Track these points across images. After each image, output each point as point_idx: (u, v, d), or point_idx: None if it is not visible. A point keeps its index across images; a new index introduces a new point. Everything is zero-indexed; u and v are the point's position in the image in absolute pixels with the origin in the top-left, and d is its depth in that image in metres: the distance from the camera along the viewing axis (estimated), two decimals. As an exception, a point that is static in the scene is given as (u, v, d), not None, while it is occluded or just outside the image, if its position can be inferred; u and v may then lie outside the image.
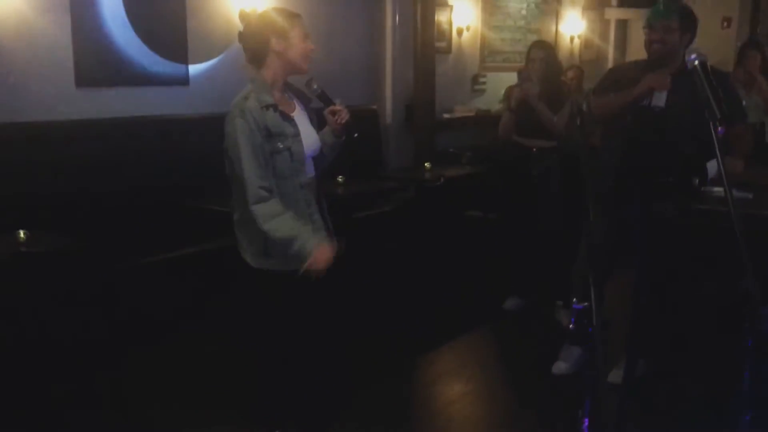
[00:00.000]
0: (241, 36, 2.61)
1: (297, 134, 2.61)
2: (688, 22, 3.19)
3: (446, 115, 6.55)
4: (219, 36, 4.91)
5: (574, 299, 1.56)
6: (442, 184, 5.03)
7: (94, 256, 3.68)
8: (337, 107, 2.74)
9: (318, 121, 2.79)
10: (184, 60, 4.71)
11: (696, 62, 1.94)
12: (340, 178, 4.45)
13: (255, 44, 2.56)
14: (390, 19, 6.06)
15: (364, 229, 4.75)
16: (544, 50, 4.34)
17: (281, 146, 2.55)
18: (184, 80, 4.74)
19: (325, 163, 2.84)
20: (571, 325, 1.56)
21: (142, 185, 4.35)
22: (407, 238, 5.14)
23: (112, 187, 4.21)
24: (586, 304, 1.53)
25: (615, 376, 3.56)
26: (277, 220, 2.51)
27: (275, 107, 2.55)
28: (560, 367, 3.72)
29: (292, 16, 2.59)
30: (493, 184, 4.95)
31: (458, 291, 4.97)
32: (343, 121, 2.73)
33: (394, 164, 6.11)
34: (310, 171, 2.71)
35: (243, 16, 2.62)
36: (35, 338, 3.40)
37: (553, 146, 4.33)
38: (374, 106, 6.06)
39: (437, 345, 4.14)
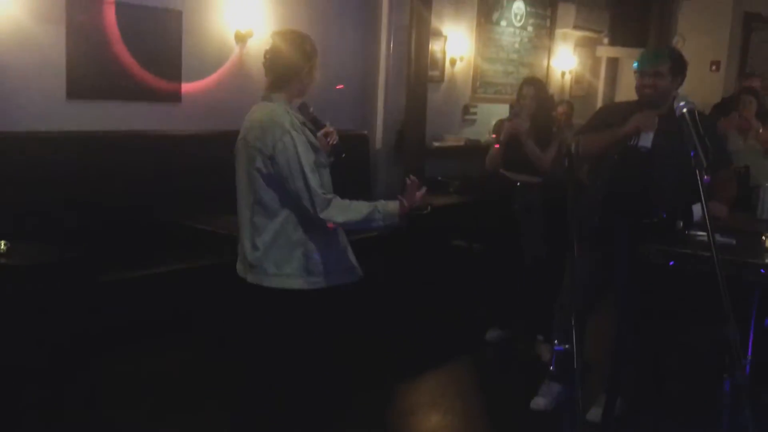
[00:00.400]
0: (272, 57, 2.61)
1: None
2: (679, 67, 3.24)
3: (436, 144, 6.59)
4: (213, 54, 4.93)
5: (555, 340, 1.56)
6: (429, 213, 5.03)
7: (77, 268, 3.65)
8: (330, 129, 2.81)
9: None
10: (178, 78, 4.72)
11: (684, 110, 1.96)
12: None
13: (286, 70, 2.59)
14: (384, 46, 6.11)
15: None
16: (535, 87, 4.39)
17: (324, 161, 2.62)
18: (176, 97, 4.74)
19: None
20: (551, 366, 1.56)
21: (129, 200, 4.33)
22: (392, 264, 5.14)
23: (99, 200, 4.20)
24: (566, 346, 1.53)
25: (593, 414, 3.56)
26: (349, 210, 2.54)
27: (306, 125, 2.62)
28: (539, 402, 3.70)
29: (315, 47, 2.66)
30: (479, 215, 4.97)
31: (440, 320, 4.96)
32: (335, 143, 2.80)
33: (382, 190, 6.12)
34: None
35: (277, 38, 2.63)
36: (12, 350, 3.35)
37: (537, 182, 4.37)
38: (365, 132, 6.09)
39: (417, 374, 4.12)
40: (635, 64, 3.32)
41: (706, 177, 1.86)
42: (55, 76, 4.13)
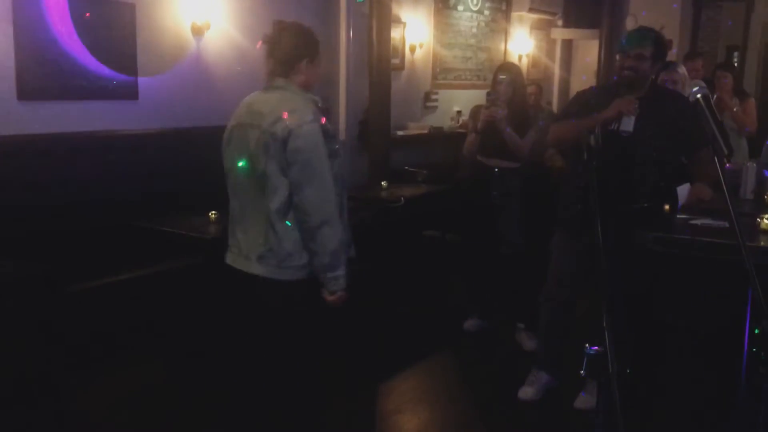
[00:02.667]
0: (271, 44, 2.53)
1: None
2: (660, 52, 3.21)
3: (400, 133, 6.49)
4: (169, 49, 4.72)
5: (587, 344, 1.48)
6: (402, 203, 4.96)
7: (37, 279, 3.45)
8: None
9: None
10: (134, 73, 4.50)
11: (699, 95, 1.91)
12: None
13: (286, 57, 2.51)
14: (344, 35, 5.98)
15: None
16: (511, 73, 4.32)
17: (338, 147, 2.54)
18: (133, 94, 4.53)
19: None
20: (582, 371, 1.49)
21: (87, 204, 4.12)
22: (365, 258, 5.03)
23: (56, 205, 3.98)
24: (599, 348, 1.46)
25: (582, 401, 3.54)
26: (338, 234, 2.46)
27: (321, 110, 2.54)
28: (527, 392, 3.68)
29: (317, 40, 2.60)
30: (453, 203, 4.90)
31: (418, 313, 4.89)
32: None
33: (348, 182, 5.99)
34: None
35: (278, 27, 2.56)
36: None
37: (515, 167, 4.32)
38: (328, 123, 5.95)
39: (399, 370, 4.04)
40: (618, 46, 3.27)
41: (727, 164, 1.80)
42: (3, 77, 3.88)
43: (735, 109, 4.96)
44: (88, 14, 4.18)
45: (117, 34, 4.39)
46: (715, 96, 4.81)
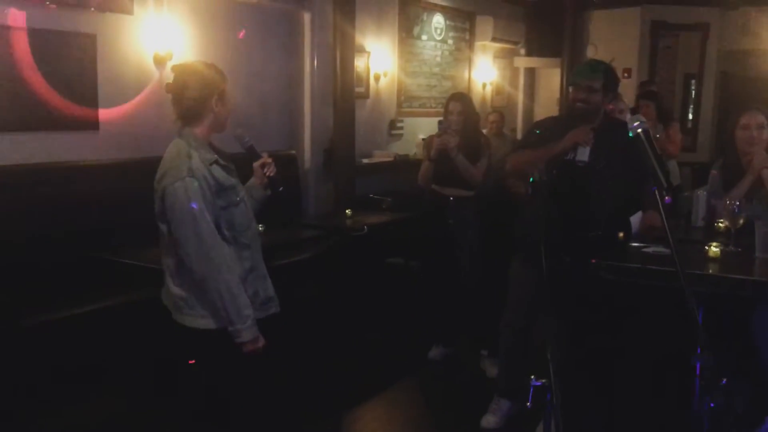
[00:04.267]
0: (176, 89, 2.47)
1: (241, 186, 2.59)
2: (611, 82, 3.29)
3: (365, 160, 6.53)
4: (131, 79, 4.71)
5: (532, 376, 1.51)
6: (365, 232, 4.98)
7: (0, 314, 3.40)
8: (267, 160, 2.72)
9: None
10: (94, 105, 4.48)
11: (639, 130, 1.97)
12: (260, 226, 4.30)
13: (195, 102, 2.45)
14: (309, 64, 6.02)
15: (284, 276, 4.61)
16: (462, 102, 4.40)
17: (238, 198, 2.51)
18: (93, 125, 4.50)
19: None
20: (528, 402, 1.51)
21: (48, 235, 4.07)
22: (328, 286, 5.03)
23: (16, 237, 3.93)
24: (544, 381, 1.49)
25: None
26: (228, 287, 2.41)
27: (218, 162, 2.49)
28: (489, 420, 3.69)
29: (223, 74, 2.53)
30: (414, 231, 4.93)
31: (382, 341, 4.88)
32: (272, 174, 2.72)
33: (313, 210, 6.01)
34: None
35: (179, 70, 2.50)
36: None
37: (470, 195, 4.37)
38: (293, 152, 5.97)
39: (363, 399, 4.03)
40: (570, 78, 3.35)
41: (667, 198, 1.85)
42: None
43: (657, 136, 5.12)
44: (48, 45, 4.16)
45: (78, 66, 4.37)
46: None
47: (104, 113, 4.56)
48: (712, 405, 1.57)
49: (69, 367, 3.66)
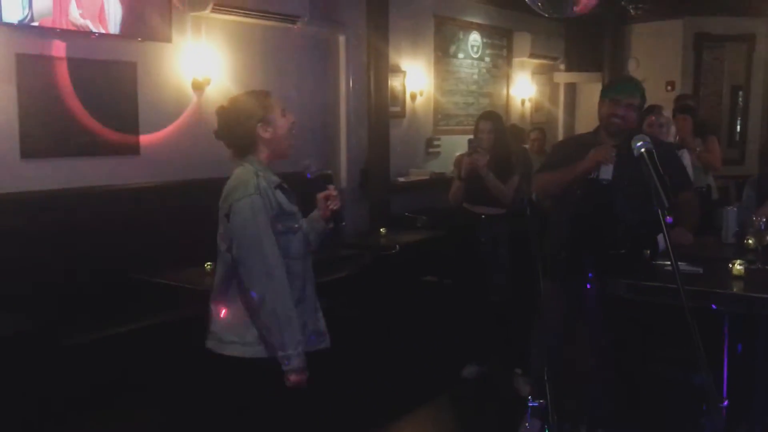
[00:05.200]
0: (223, 133, 2.49)
1: (301, 215, 2.55)
2: (642, 103, 3.27)
3: (401, 179, 6.59)
4: (170, 104, 4.88)
5: (529, 396, 1.52)
6: (398, 250, 5.02)
7: (37, 334, 3.54)
8: (332, 192, 2.61)
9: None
10: (135, 130, 4.66)
11: (642, 150, 1.96)
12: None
13: (241, 137, 2.46)
14: (344, 84, 6.13)
15: (320, 295, 4.68)
16: (492, 121, 4.41)
17: (296, 225, 2.49)
18: (134, 150, 4.67)
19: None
20: (527, 423, 1.52)
21: (92, 258, 4.22)
22: (363, 304, 5.08)
23: (61, 260, 4.08)
24: (541, 401, 1.49)
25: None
26: (285, 311, 2.38)
27: (283, 186, 2.49)
28: (519, 439, 3.66)
29: (265, 95, 2.51)
30: (448, 249, 4.95)
31: (416, 359, 4.90)
32: (336, 208, 2.61)
33: (349, 229, 6.08)
34: None
35: (220, 113, 2.51)
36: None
37: (501, 213, 4.37)
38: (329, 172, 6.05)
39: (396, 416, 4.04)
40: (607, 92, 3.30)
41: (668, 218, 1.85)
42: (8, 137, 4.04)
43: (698, 149, 5.01)
44: (89, 74, 4.35)
45: (119, 93, 4.55)
46: (677, 138, 4.87)
47: (145, 138, 4.73)
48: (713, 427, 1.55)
49: (107, 385, 3.78)
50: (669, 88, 8.90)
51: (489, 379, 4.57)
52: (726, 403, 1.53)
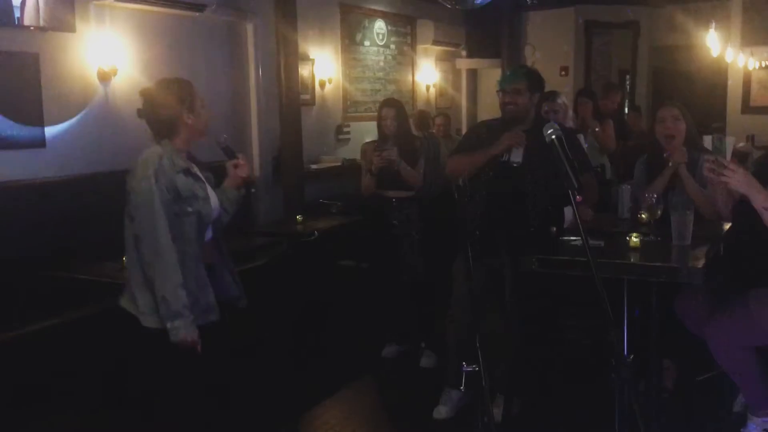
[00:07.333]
0: (147, 113, 2.65)
1: (207, 197, 2.69)
2: (535, 83, 3.53)
3: (313, 166, 6.66)
4: (76, 95, 4.75)
5: (464, 362, 1.67)
6: (316, 237, 5.12)
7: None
8: (241, 161, 2.85)
9: (215, 183, 2.86)
10: (40, 122, 4.51)
11: (553, 137, 2.16)
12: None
13: (165, 120, 2.62)
14: (253, 73, 6.12)
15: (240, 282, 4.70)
16: (395, 108, 4.54)
17: (190, 210, 2.62)
18: (40, 143, 4.53)
19: (225, 221, 2.90)
20: (461, 386, 1.67)
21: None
22: (281, 292, 5.14)
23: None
24: (474, 366, 1.65)
25: (494, 415, 3.75)
26: (179, 289, 2.54)
27: (187, 171, 2.63)
28: (441, 411, 3.85)
29: (189, 85, 2.68)
30: (363, 234, 5.09)
31: (337, 341, 5.02)
32: (245, 175, 2.86)
33: (264, 218, 6.11)
34: (209, 234, 2.77)
35: (146, 94, 2.65)
36: None
37: (411, 196, 4.54)
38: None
39: (320, 399, 4.15)
40: (498, 84, 3.57)
41: (578, 198, 2.05)
42: None
43: (597, 129, 5.43)
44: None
45: (21, 85, 4.39)
46: (579, 118, 5.32)
47: (50, 130, 4.58)
48: (620, 379, 1.76)
49: (25, 384, 3.69)
50: (563, 73, 9.38)
51: (409, 358, 4.76)
52: (631, 356, 1.74)
